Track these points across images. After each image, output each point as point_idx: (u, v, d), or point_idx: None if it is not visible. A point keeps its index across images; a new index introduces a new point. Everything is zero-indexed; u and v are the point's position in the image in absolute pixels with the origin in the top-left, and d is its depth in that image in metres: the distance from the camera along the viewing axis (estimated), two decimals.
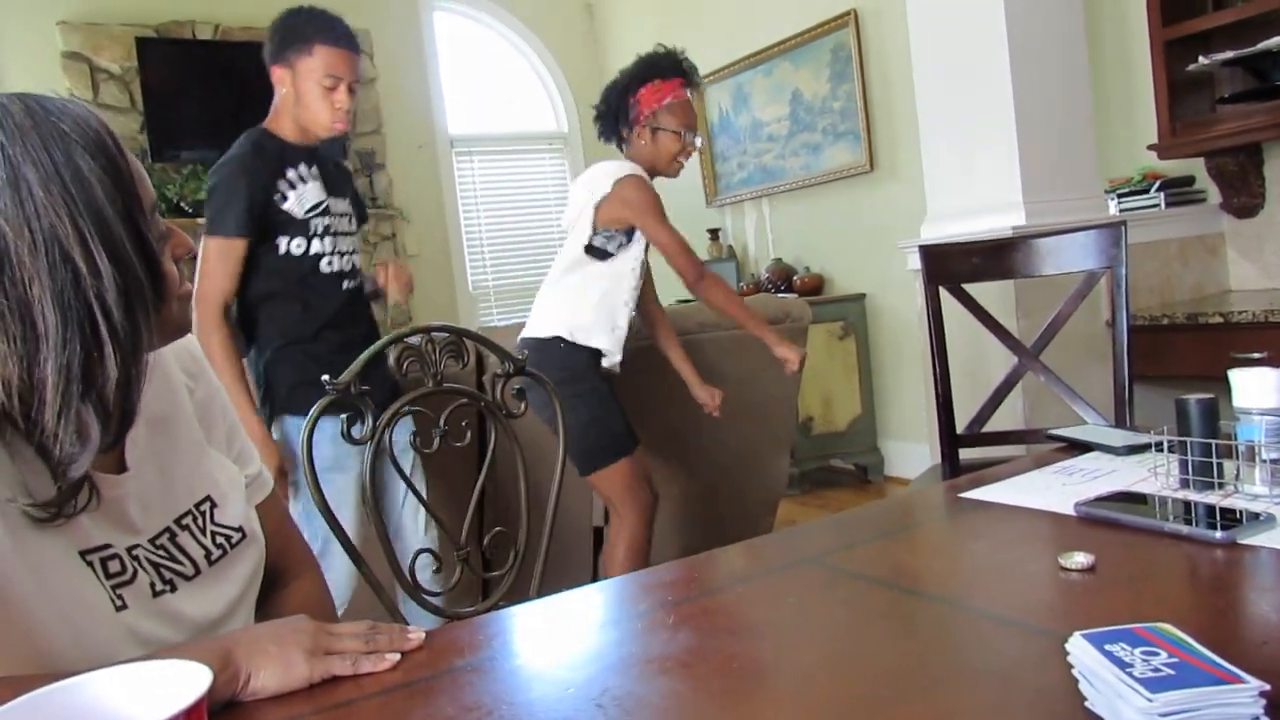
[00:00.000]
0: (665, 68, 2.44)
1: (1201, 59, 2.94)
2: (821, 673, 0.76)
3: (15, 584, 0.77)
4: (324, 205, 2.17)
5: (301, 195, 2.13)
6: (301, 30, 2.11)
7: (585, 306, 2.37)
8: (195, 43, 4.86)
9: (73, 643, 0.80)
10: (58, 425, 0.77)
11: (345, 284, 2.21)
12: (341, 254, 2.20)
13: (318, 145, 2.21)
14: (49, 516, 0.79)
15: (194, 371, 1.04)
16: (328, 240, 2.17)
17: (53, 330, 0.75)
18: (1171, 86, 3.01)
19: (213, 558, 0.95)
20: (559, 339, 2.35)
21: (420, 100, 5.65)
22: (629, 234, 2.39)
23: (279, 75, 2.14)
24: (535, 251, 6.01)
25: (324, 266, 2.17)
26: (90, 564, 0.84)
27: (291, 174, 2.13)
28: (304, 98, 2.13)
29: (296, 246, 2.12)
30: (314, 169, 2.17)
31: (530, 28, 6.03)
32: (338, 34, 2.13)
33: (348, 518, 2.05)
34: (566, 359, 2.34)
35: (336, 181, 2.24)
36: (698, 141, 2.47)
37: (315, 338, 2.16)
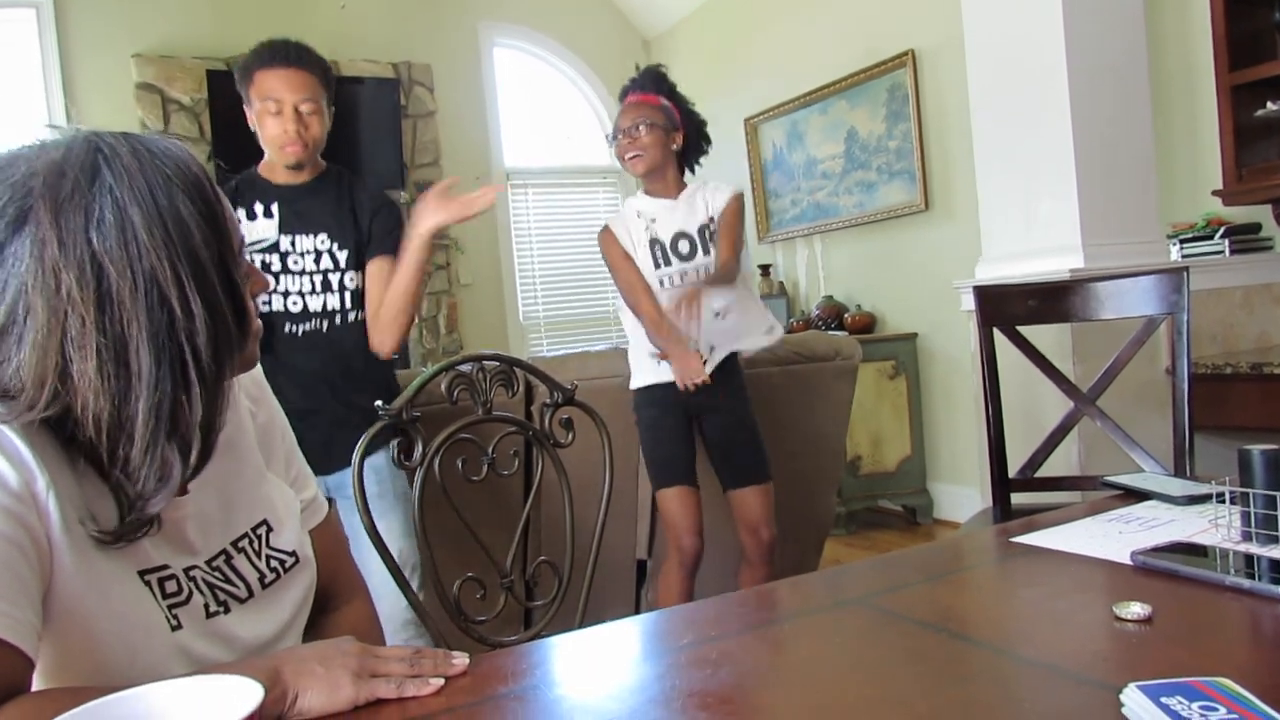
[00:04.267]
0: (622, 91, 2.50)
1: (1270, 105, 2.89)
2: (864, 715, 0.75)
3: (79, 602, 0.79)
4: (268, 243, 2.08)
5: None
6: (246, 64, 2.08)
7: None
8: None
9: (128, 660, 0.81)
10: (143, 462, 0.79)
11: (289, 327, 2.09)
12: (287, 294, 2.09)
13: (308, 181, 2.14)
14: (112, 540, 0.81)
15: (256, 396, 1.07)
16: (268, 279, 2.09)
17: (146, 370, 0.77)
18: (1238, 132, 2.97)
19: (266, 581, 0.97)
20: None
21: (478, 134, 5.76)
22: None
23: (248, 114, 2.12)
24: (586, 283, 6.06)
25: (261, 306, 2.06)
26: (148, 584, 0.85)
27: (241, 212, 2.07)
28: (259, 128, 2.10)
29: None
30: (274, 205, 2.10)
31: (588, 64, 6.14)
32: (274, 56, 2.05)
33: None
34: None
35: (315, 217, 2.12)
36: (636, 133, 2.36)
37: None
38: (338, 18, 5.27)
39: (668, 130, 2.40)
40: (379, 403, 1.33)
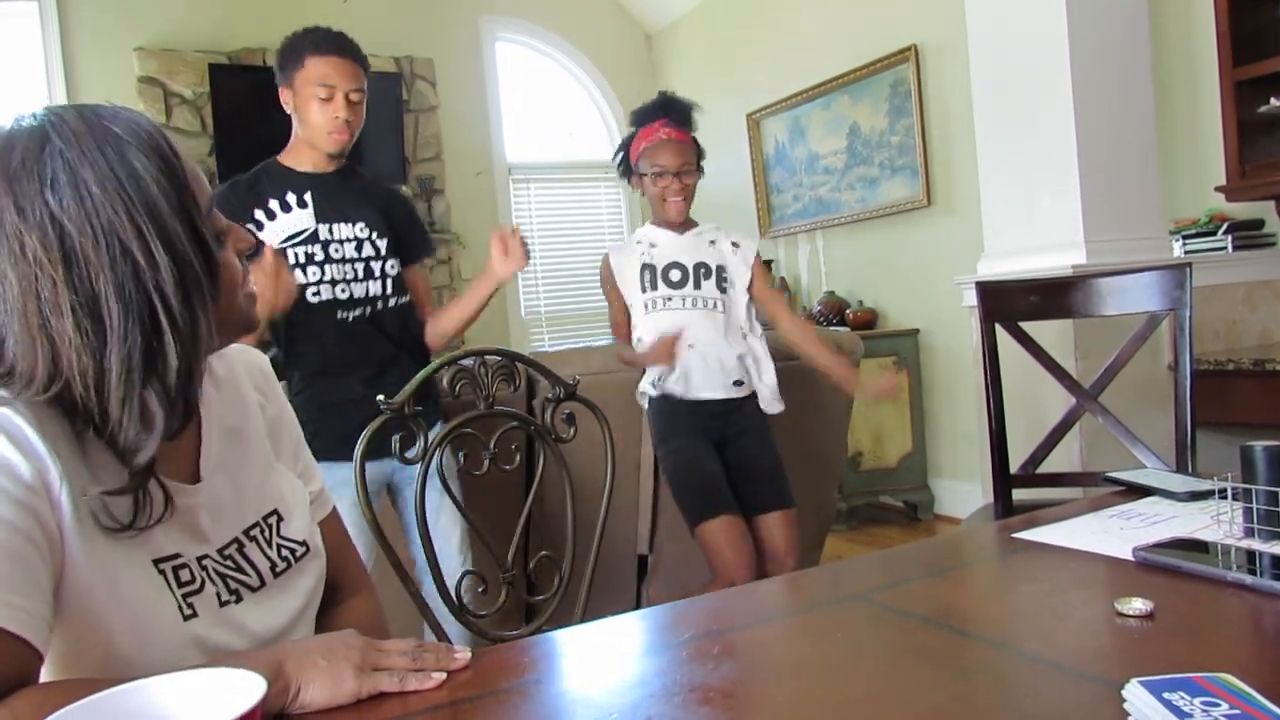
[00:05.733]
0: (645, 113, 2.41)
1: (1273, 100, 2.89)
2: (865, 710, 0.75)
3: (91, 593, 0.80)
4: (308, 233, 2.07)
5: (278, 225, 2.05)
6: (295, 45, 2.09)
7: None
8: (265, 69, 4.96)
9: (140, 650, 0.82)
10: (122, 412, 0.80)
11: (340, 314, 2.09)
12: (334, 282, 2.08)
13: (334, 171, 2.13)
14: (123, 527, 0.82)
15: (264, 389, 1.08)
16: (312, 270, 2.06)
17: (116, 321, 0.78)
18: (1241, 128, 2.96)
19: (278, 570, 0.97)
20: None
21: (480, 128, 5.75)
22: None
23: (284, 96, 2.11)
24: (587, 279, 6.05)
25: (310, 297, 2.06)
26: (163, 573, 0.86)
27: (273, 203, 2.07)
28: (302, 112, 2.09)
29: None
30: (308, 195, 2.09)
31: (590, 58, 6.13)
32: (329, 43, 2.07)
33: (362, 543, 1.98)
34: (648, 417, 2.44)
35: (350, 207, 2.13)
36: (686, 177, 2.35)
37: (315, 378, 2.08)
38: (340, 11, 5.25)
39: (700, 170, 2.41)
40: (380, 397, 1.33)
